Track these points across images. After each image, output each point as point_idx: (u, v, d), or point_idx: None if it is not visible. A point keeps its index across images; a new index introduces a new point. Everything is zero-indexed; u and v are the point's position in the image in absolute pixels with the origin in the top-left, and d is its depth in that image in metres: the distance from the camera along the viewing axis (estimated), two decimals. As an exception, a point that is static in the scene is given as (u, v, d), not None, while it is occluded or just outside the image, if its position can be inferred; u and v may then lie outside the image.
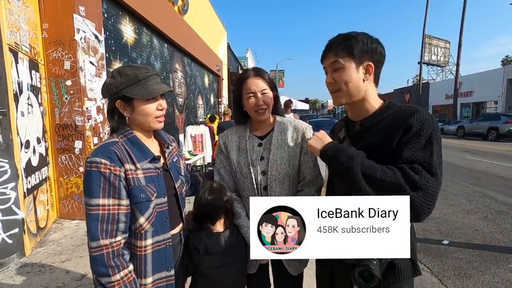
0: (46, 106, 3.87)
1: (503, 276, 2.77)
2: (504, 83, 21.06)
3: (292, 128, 1.39)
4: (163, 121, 1.17)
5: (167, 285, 1.12)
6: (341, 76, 1.04)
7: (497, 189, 5.73)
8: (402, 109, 1.03)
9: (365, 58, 1.03)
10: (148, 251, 1.07)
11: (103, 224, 0.98)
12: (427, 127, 0.96)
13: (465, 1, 22.66)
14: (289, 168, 1.34)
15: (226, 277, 1.24)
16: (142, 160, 1.08)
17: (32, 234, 3.21)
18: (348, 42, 1.02)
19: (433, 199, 0.93)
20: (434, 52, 32.25)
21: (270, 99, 1.35)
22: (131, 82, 1.06)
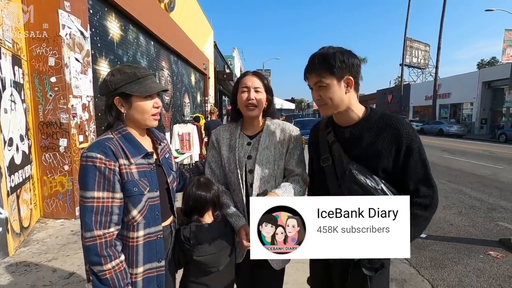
0: (29, 103, 3.78)
1: (474, 265, 2.98)
2: (479, 85, 22.11)
3: (280, 130, 1.47)
4: (158, 118, 1.21)
5: (158, 276, 1.17)
6: (326, 94, 1.16)
7: (471, 186, 6.08)
8: (386, 121, 1.17)
9: (345, 73, 1.14)
10: (140, 242, 1.11)
11: (97, 216, 1.02)
12: (414, 142, 1.12)
13: (444, 6, 23.62)
14: (274, 168, 1.42)
15: (217, 263, 1.31)
16: (136, 155, 1.12)
17: (16, 234, 3.14)
18: (327, 62, 1.12)
19: (436, 202, 1.13)
20: (414, 55, 33.40)
21: (262, 99, 1.42)
22: (130, 80, 1.12)
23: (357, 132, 1.19)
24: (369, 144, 1.15)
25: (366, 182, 1.10)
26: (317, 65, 1.14)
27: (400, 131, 1.12)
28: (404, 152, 1.12)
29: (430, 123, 23.27)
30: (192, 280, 1.34)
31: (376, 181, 1.11)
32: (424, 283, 2.70)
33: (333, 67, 1.11)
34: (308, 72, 1.18)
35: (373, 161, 1.14)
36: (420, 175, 1.12)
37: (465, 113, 24.71)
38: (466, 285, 2.65)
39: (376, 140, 1.15)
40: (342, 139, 1.23)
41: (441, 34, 24.30)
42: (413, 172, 1.12)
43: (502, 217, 4.33)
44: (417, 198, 1.11)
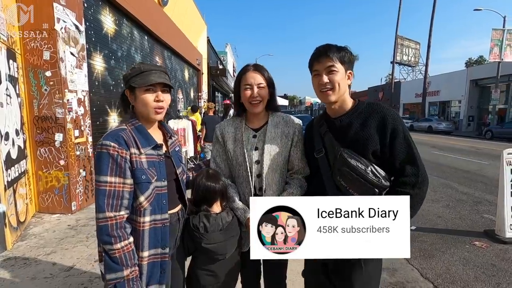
0: (24, 97, 3.75)
1: (460, 255, 3.14)
2: (467, 83, 22.62)
3: (285, 123, 1.53)
4: (161, 112, 1.26)
5: (162, 262, 1.23)
6: (336, 78, 1.25)
7: (459, 181, 6.30)
8: (372, 108, 1.27)
9: (350, 67, 1.29)
10: (146, 227, 1.19)
11: (109, 199, 1.10)
12: (398, 124, 1.21)
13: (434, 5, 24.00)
14: (280, 159, 1.48)
15: (224, 251, 1.38)
16: (146, 146, 1.21)
17: (13, 228, 3.14)
18: (341, 52, 1.25)
19: (423, 180, 1.17)
20: (405, 53, 33.85)
21: (265, 94, 1.47)
22: (135, 73, 1.21)
23: (346, 120, 1.29)
24: (357, 130, 1.24)
25: (357, 164, 1.17)
26: (332, 51, 1.24)
27: (385, 115, 1.22)
28: (389, 134, 1.20)
29: (419, 120, 23.74)
30: (200, 267, 1.41)
31: (366, 164, 1.18)
32: (414, 272, 2.83)
33: (345, 57, 1.25)
34: (323, 55, 1.25)
35: (362, 145, 1.22)
36: (405, 154, 1.19)
37: (453, 111, 25.27)
38: (453, 273, 2.79)
39: (363, 125, 1.24)
40: (333, 128, 1.33)
41: (431, 32, 24.74)
42: (399, 152, 1.19)
43: (487, 209, 4.52)
44: (404, 177, 1.18)
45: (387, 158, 1.21)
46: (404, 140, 1.19)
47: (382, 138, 1.20)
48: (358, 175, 1.16)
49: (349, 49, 1.29)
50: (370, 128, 1.22)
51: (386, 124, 1.20)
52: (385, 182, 1.18)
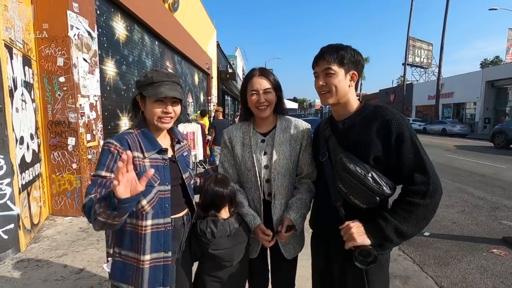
0: (38, 103, 3.85)
1: (477, 263, 3.02)
2: (483, 85, 22.01)
3: (293, 127, 1.51)
4: (168, 122, 1.27)
5: (164, 265, 1.22)
6: (332, 81, 1.21)
7: (474, 185, 6.09)
8: (376, 111, 1.20)
9: (352, 68, 1.22)
10: (148, 231, 1.18)
11: (98, 188, 1.11)
12: (405, 129, 1.13)
13: (447, 5, 23.52)
14: (290, 163, 1.46)
15: (231, 258, 1.36)
16: (150, 150, 1.22)
17: (27, 230, 3.21)
18: (340, 53, 1.20)
19: (436, 189, 1.08)
20: (417, 54, 33.28)
21: (272, 98, 1.45)
22: (147, 83, 1.22)
23: (349, 123, 1.25)
24: (359, 133, 1.19)
25: (356, 169, 1.11)
26: (329, 53, 1.20)
27: (390, 119, 1.14)
28: (394, 139, 1.12)
29: (433, 123, 23.20)
30: (207, 273, 1.39)
31: (366, 169, 1.11)
32: (428, 280, 2.73)
33: (344, 58, 1.19)
34: (320, 58, 1.23)
35: (363, 150, 1.16)
36: (413, 161, 1.10)
37: (468, 113, 24.61)
38: (470, 282, 2.68)
39: (366, 129, 1.18)
40: (337, 131, 1.30)
41: (444, 33, 24.21)
42: (406, 158, 1.11)
43: (505, 215, 4.35)
44: (412, 186, 1.09)
45: (394, 165, 1.14)
46: (412, 146, 1.11)
47: (386, 144, 1.13)
48: (357, 181, 1.10)
49: (350, 49, 1.22)
50: (371, 132, 1.16)
51: (390, 129, 1.13)
52: (387, 190, 1.10)
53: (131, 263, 1.19)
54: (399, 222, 1.09)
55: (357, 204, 1.14)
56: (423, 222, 1.10)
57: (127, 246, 1.19)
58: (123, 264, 1.20)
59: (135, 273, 1.18)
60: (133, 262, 1.18)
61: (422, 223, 1.10)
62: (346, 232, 1.14)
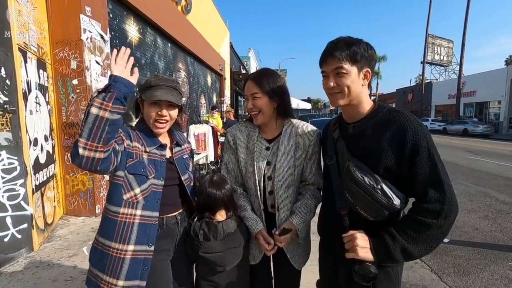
0: (53, 105, 3.95)
1: (501, 273, 2.81)
2: (508, 83, 20.96)
3: (300, 133, 1.40)
4: (163, 127, 1.31)
5: (145, 259, 1.21)
6: (344, 81, 1.07)
7: (499, 189, 5.76)
8: (391, 116, 1.08)
9: (365, 65, 1.08)
10: (136, 221, 1.19)
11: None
12: (421, 139, 1.00)
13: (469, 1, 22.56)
14: (294, 174, 1.37)
15: (222, 263, 1.30)
16: (151, 146, 1.28)
17: (40, 230, 3.28)
18: (352, 49, 1.05)
19: (451, 209, 0.97)
20: (437, 52, 32.15)
21: (261, 104, 1.34)
22: (144, 86, 1.30)
23: (361, 127, 1.13)
24: (370, 140, 1.08)
25: (364, 179, 1.01)
26: (340, 49, 1.05)
27: (406, 127, 1.02)
28: (409, 149, 1.00)
29: (453, 123, 22.30)
30: (202, 277, 1.35)
31: (376, 180, 1.01)
32: (447, 290, 2.57)
33: (357, 54, 1.05)
34: (329, 55, 1.07)
35: (374, 159, 1.05)
36: (427, 175, 0.98)
37: (492, 112, 23.50)
38: (493, 293, 2.50)
39: (379, 136, 1.06)
40: (346, 135, 1.18)
41: (466, 29, 23.24)
42: (420, 172, 0.99)
43: (533, 222, 4.07)
44: (425, 204, 0.99)
45: (406, 177, 1.03)
46: (428, 159, 0.99)
47: (399, 153, 1.02)
48: (365, 193, 1.00)
49: (363, 43, 1.08)
50: (384, 139, 1.04)
51: (405, 137, 1.01)
52: (397, 204, 1.00)
53: (109, 252, 1.18)
54: (407, 242, 1.00)
55: (364, 215, 1.05)
56: (434, 244, 1.00)
57: (109, 236, 1.20)
58: (101, 252, 1.20)
59: (112, 263, 1.17)
60: (112, 252, 1.18)
61: (433, 244, 1.00)
62: (350, 242, 1.06)
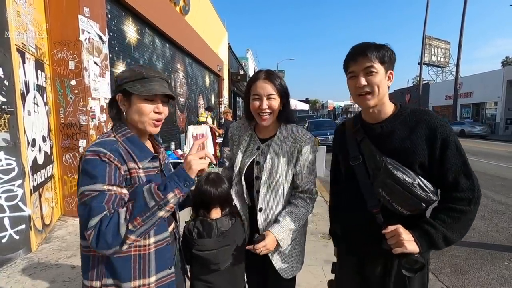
0: (51, 105, 3.94)
1: (498, 273, 2.84)
2: (504, 84, 21.09)
3: (293, 138, 1.39)
4: (159, 125, 1.12)
5: (169, 283, 1.12)
6: (375, 80, 1.12)
7: (495, 189, 5.80)
8: (419, 115, 1.15)
9: (390, 67, 1.16)
10: (152, 250, 1.07)
11: (109, 203, 0.92)
12: (450, 134, 1.11)
13: (465, 2, 22.73)
14: (282, 177, 1.36)
15: (216, 261, 1.29)
16: (143, 159, 1.08)
17: (38, 231, 3.27)
18: (380, 50, 1.13)
19: (479, 195, 1.08)
20: (434, 53, 32.32)
21: (276, 105, 1.35)
22: (134, 78, 1.06)
23: (389, 127, 1.17)
24: (402, 138, 1.13)
25: (403, 177, 1.07)
26: (371, 50, 1.12)
27: (435, 125, 1.11)
28: (440, 145, 1.09)
29: (450, 124, 22.40)
30: (196, 277, 1.35)
31: (412, 176, 1.08)
32: (444, 290, 2.59)
33: (385, 56, 1.12)
34: (361, 55, 1.13)
35: (408, 156, 1.11)
36: (459, 166, 1.08)
37: (489, 113, 23.63)
38: (489, 293, 2.53)
39: (410, 134, 1.12)
40: (373, 135, 1.21)
41: (462, 31, 23.37)
42: (452, 164, 1.08)
43: (528, 222, 4.10)
44: (458, 193, 1.08)
45: (435, 171, 1.11)
46: (457, 151, 1.10)
47: (431, 150, 1.10)
48: (404, 189, 1.06)
49: (389, 47, 1.16)
50: (418, 138, 1.11)
51: (436, 135, 1.10)
52: (434, 197, 1.09)
53: None
54: (446, 230, 1.07)
55: (400, 211, 1.10)
56: (468, 227, 1.10)
57: (124, 277, 1.01)
58: None
59: None
60: None
61: (467, 228, 1.10)
62: (395, 237, 1.08)
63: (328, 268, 1.53)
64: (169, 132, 7.57)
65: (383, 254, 1.14)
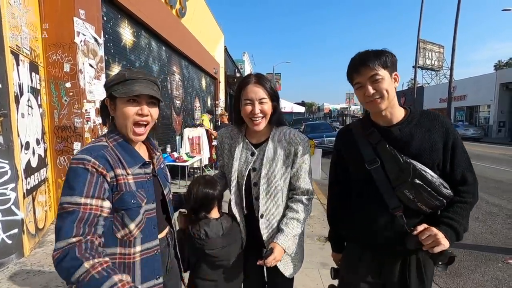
0: (45, 108, 3.90)
1: (492, 274, 2.86)
2: (497, 87, 21.41)
3: (287, 141, 1.38)
4: (142, 133, 1.09)
5: None
6: (382, 86, 1.17)
7: (489, 191, 5.87)
8: (429, 117, 1.24)
9: (394, 69, 1.21)
10: (137, 259, 1.04)
11: (80, 224, 0.90)
12: (458, 135, 1.21)
13: (459, 6, 23.08)
14: (280, 181, 1.36)
15: (227, 257, 1.35)
16: (133, 165, 1.06)
17: (31, 235, 3.23)
18: (381, 57, 1.17)
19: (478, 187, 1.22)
20: (428, 57, 32.70)
21: (268, 109, 1.35)
22: (117, 81, 1.05)
23: (407, 129, 1.21)
24: (422, 140, 1.19)
25: (432, 177, 1.14)
26: (371, 59, 1.16)
27: (448, 126, 1.20)
28: (452, 144, 1.19)
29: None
30: (201, 277, 1.37)
31: (436, 176, 1.16)
32: (439, 292, 2.61)
33: (387, 61, 1.17)
34: (362, 65, 1.17)
35: (428, 156, 1.18)
36: (465, 163, 1.19)
37: (482, 116, 23.94)
38: (484, 294, 2.55)
39: (428, 136, 1.19)
40: (391, 138, 1.22)
41: (456, 35, 23.69)
42: (461, 161, 1.19)
43: (522, 224, 4.15)
44: (464, 187, 1.18)
45: (448, 169, 1.20)
46: (462, 150, 1.21)
47: (445, 150, 1.19)
48: (431, 189, 1.13)
49: (388, 51, 1.21)
50: (436, 139, 1.19)
51: (449, 135, 1.19)
52: (451, 193, 1.17)
53: None
54: (463, 221, 1.16)
55: (423, 209, 1.16)
56: (466, 224, 1.19)
57: None
58: None
59: None
60: None
61: (465, 224, 1.18)
62: (431, 236, 1.11)
63: (324, 271, 1.53)
64: (165, 135, 7.54)
65: (402, 254, 1.22)
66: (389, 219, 1.21)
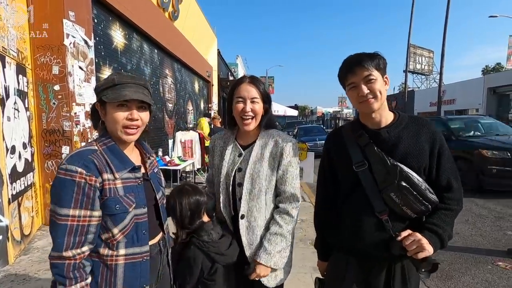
0: (33, 111, 3.82)
1: (482, 276, 2.89)
2: (485, 91, 21.95)
3: (274, 143, 1.38)
4: (134, 133, 1.08)
5: None
6: (376, 86, 1.19)
7: (478, 194, 5.95)
8: (421, 122, 1.25)
9: (385, 72, 1.24)
10: (120, 262, 1.03)
11: (70, 236, 0.95)
12: (443, 141, 1.22)
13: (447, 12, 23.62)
14: (265, 183, 1.34)
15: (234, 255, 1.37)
16: (121, 170, 1.05)
17: (16, 242, 3.13)
18: (374, 59, 1.20)
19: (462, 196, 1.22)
20: (418, 61, 33.36)
21: (259, 109, 1.36)
22: (107, 85, 1.05)
23: (395, 132, 1.22)
24: (409, 144, 1.20)
25: (418, 180, 1.15)
26: (366, 60, 1.19)
27: (434, 132, 1.21)
28: (438, 150, 1.19)
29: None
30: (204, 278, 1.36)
31: (421, 180, 1.16)
32: (430, 295, 2.62)
33: (380, 64, 1.20)
34: (357, 66, 1.19)
35: (413, 160, 1.18)
36: (451, 170, 1.20)
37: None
38: (474, 297, 2.57)
39: (415, 139, 1.20)
40: (379, 140, 1.23)
41: (445, 40, 24.20)
42: (446, 168, 1.19)
43: (510, 226, 4.22)
44: (450, 193, 1.18)
45: (433, 175, 1.20)
46: (448, 156, 1.21)
47: (431, 155, 1.19)
48: (417, 192, 1.13)
49: (380, 54, 1.23)
50: (423, 143, 1.19)
51: (436, 140, 1.20)
52: (436, 199, 1.17)
53: None
54: (448, 228, 1.16)
55: (409, 214, 1.16)
56: (451, 231, 1.18)
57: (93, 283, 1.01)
58: None
59: None
60: None
61: (450, 231, 1.17)
62: (415, 242, 1.10)
63: (317, 275, 1.50)
64: (157, 138, 7.46)
65: (387, 259, 1.21)
66: (375, 222, 1.20)
